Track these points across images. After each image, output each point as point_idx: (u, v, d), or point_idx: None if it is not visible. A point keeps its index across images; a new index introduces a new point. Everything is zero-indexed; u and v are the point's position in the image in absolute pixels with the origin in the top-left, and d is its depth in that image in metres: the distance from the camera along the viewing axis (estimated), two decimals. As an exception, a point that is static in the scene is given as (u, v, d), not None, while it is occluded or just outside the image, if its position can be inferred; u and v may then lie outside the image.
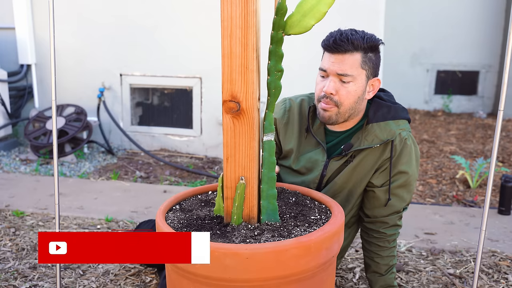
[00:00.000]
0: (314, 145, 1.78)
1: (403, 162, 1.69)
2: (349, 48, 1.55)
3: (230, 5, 1.25)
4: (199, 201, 1.58)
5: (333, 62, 1.58)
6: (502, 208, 2.89)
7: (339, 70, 1.57)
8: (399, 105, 1.74)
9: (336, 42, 1.55)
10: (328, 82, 1.60)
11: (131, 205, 3.04)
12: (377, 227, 1.79)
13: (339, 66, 1.57)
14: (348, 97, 1.61)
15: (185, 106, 4.44)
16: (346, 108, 1.63)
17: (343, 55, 1.57)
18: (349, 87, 1.60)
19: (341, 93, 1.60)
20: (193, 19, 4.16)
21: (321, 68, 1.63)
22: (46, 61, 4.62)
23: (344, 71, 1.57)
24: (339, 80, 1.59)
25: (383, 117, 1.69)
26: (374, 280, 1.85)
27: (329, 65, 1.59)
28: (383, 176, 1.72)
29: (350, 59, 1.57)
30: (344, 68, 1.57)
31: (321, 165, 1.75)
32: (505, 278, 2.14)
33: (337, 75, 1.58)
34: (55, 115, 1.56)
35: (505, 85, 1.31)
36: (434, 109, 6.60)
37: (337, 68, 1.57)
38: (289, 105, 1.83)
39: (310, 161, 1.77)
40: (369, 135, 1.68)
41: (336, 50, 1.56)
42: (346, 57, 1.57)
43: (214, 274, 1.23)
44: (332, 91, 1.59)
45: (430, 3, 6.39)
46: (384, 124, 1.68)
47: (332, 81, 1.59)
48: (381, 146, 1.68)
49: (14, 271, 2.17)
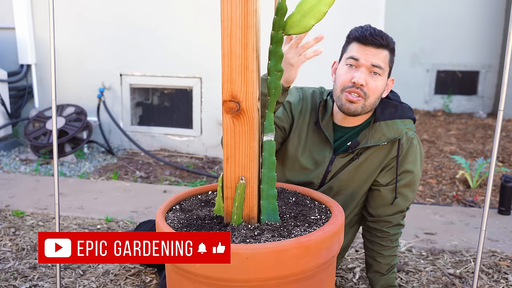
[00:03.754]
0: (321, 140, 1.77)
1: (409, 161, 1.70)
2: (384, 43, 1.60)
3: (230, 5, 1.24)
4: (199, 201, 1.58)
5: (367, 53, 1.59)
6: (502, 208, 2.89)
7: (374, 61, 1.59)
8: (406, 105, 1.75)
9: (373, 35, 1.58)
10: (359, 72, 1.60)
11: (131, 205, 3.04)
12: (380, 226, 1.79)
13: (373, 57, 1.60)
14: (376, 91, 1.63)
15: (185, 106, 4.44)
16: (371, 101, 1.64)
17: (376, 49, 1.59)
18: (378, 80, 1.62)
19: (370, 85, 1.61)
20: (193, 19, 4.16)
21: (352, 57, 1.62)
22: (46, 61, 4.62)
23: (378, 63, 1.60)
24: (369, 72, 1.61)
25: (391, 115, 1.69)
26: (375, 280, 1.85)
27: (363, 56, 1.60)
28: (389, 175, 1.72)
29: (382, 54, 1.61)
30: (378, 61, 1.60)
31: (327, 160, 1.74)
32: (505, 278, 2.14)
33: (371, 66, 1.60)
34: (55, 115, 1.56)
35: (505, 85, 1.31)
36: (434, 109, 6.60)
37: (372, 59, 1.59)
38: (303, 95, 1.82)
39: (316, 156, 1.76)
40: (376, 133, 1.68)
41: (372, 43, 1.59)
42: (379, 51, 1.60)
43: (214, 274, 1.23)
44: (363, 82, 1.60)
45: (430, 3, 6.39)
46: (392, 122, 1.69)
47: (363, 72, 1.60)
48: (387, 145, 1.69)
49: (14, 271, 2.17)
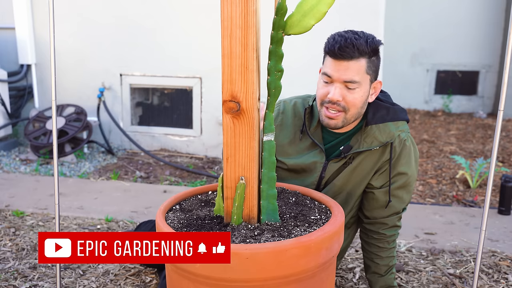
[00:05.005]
0: (311, 147, 1.76)
1: (402, 163, 1.69)
2: (355, 55, 1.51)
3: (230, 5, 1.24)
4: (199, 201, 1.58)
5: (339, 69, 1.54)
6: (502, 208, 2.89)
7: (346, 77, 1.54)
8: (398, 106, 1.73)
9: (342, 49, 1.50)
10: (333, 89, 1.56)
11: (131, 205, 3.04)
12: (376, 228, 1.78)
13: (345, 73, 1.53)
14: (355, 103, 1.58)
15: (185, 106, 4.44)
16: (353, 113, 1.61)
17: (348, 62, 1.52)
18: (355, 93, 1.57)
19: (348, 99, 1.57)
20: (193, 19, 4.16)
21: (325, 73, 1.58)
22: (46, 61, 4.62)
23: (350, 79, 1.54)
24: (344, 86, 1.56)
25: (382, 118, 1.68)
26: (374, 281, 1.85)
27: (334, 72, 1.54)
28: (382, 178, 1.72)
29: (356, 66, 1.53)
30: (350, 76, 1.53)
31: (320, 167, 1.74)
32: (505, 278, 2.14)
33: (344, 82, 1.55)
34: (55, 115, 1.56)
35: (505, 85, 1.31)
36: (434, 109, 6.60)
37: (343, 76, 1.54)
38: (283, 107, 1.81)
39: (308, 163, 1.75)
40: (368, 137, 1.67)
41: (342, 57, 1.52)
42: (352, 63, 1.53)
43: (214, 274, 1.23)
44: (339, 98, 1.56)
45: (430, 3, 6.39)
46: (383, 126, 1.67)
47: (338, 88, 1.56)
48: (380, 148, 1.68)
49: (14, 271, 2.17)
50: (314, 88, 1.90)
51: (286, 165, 1.79)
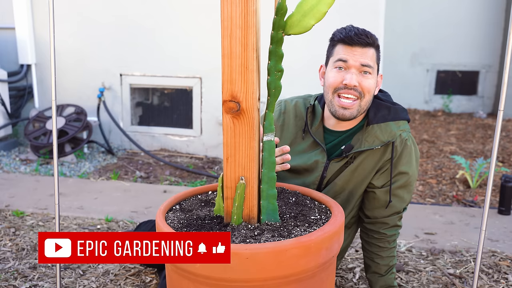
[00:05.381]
0: (312, 146, 1.77)
1: (404, 162, 1.69)
2: (370, 41, 1.60)
3: (230, 5, 1.24)
4: (199, 201, 1.58)
5: (355, 54, 1.59)
6: (502, 208, 2.89)
7: (363, 61, 1.59)
8: (399, 106, 1.74)
9: (358, 35, 1.58)
10: (350, 74, 1.60)
11: (131, 205, 3.04)
12: (377, 228, 1.79)
13: (361, 57, 1.59)
14: (370, 88, 1.63)
15: (185, 106, 4.44)
16: (367, 100, 1.65)
17: (363, 48, 1.59)
18: (369, 79, 1.62)
19: (363, 84, 1.61)
20: (193, 19, 4.16)
21: (340, 59, 1.61)
22: (46, 61, 4.62)
23: (367, 62, 1.60)
24: (359, 72, 1.61)
25: (384, 118, 1.69)
26: (374, 281, 1.85)
27: (351, 56, 1.59)
28: (383, 177, 1.72)
29: (370, 52, 1.61)
30: (367, 60, 1.60)
31: (321, 166, 1.74)
32: (505, 278, 2.14)
33: (361, 66, 1.60)
34: (55, 115, 1.56)
35: (505, 85, 1.31)
36: (434, 109, 6.60)
37: (360, 59, 1.59)
38: (284, 107, 1.83)
39: (310, 162, 1.75)
40: (369, 137, 1.68)
41: (358, 43, 1.58)
42: (366, 50, 1.60)
43: (214, 274, 1.23)
44: (355, 83, 1.60)
45: (430, 3, 6.39)
46: (385, 125, 1.68)
47: (354, 73, 1.60)
48: (381, 147, 1.68)
49: (14, 271, 2.17)
50: (314, 88, 1.90)
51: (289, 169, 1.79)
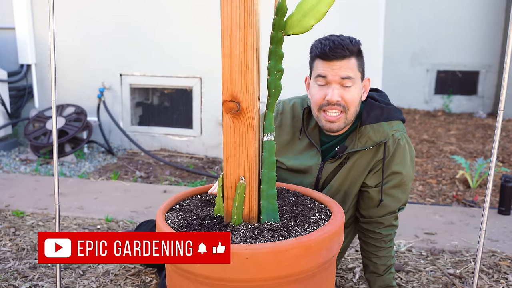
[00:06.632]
0: (308, 147, 1.78)
1: (397, 162, 1.70)
2: (347, 54, 1.58)
3: (230, 5, 1.25)
4: (199, 201, 1.58)
5: (333, 68, 1.59)
6: (502, 208, 2.89)
7: (342, 74, 1.59)
8: (393, 106, 1.75)
9: (333, 50, 1.57)
10: (331, 90, 1.61)
11: (131, 205, 3.04)
12: (372, 228, 1.79)
13: (340, 70, 1.59)
14: (353, 100, 1.63)
15: (185, 106, 4.44)
16: (352, 112, 1.65)
17: (341, 61, 1.59)
18: (351, 91, 1.62)
19: (346, 97, 1.62)
20: (193, 19, 4.16)
21: (320, 75, 1.62)
22: (46, 61, 4.62)
23: (347, 74, 1.59)
24: (340, 86, 1.61)
25: (376, 118, 1.69)
26: (373, 280, 1.85)
27: (330, 72, 1.59)
28: (376, 177, 1.73)
29: (350, 63, 1.60)
30: (346, 72, 1.59)
31: (316, 168, 1.75)
32: (505, 278, 2.14)
33: (340, 79, 1.59)
34: (55, 115, 1.56)
35: (505, 85, 1.31)
36: (434, 109, 6.60)
37: (339, 73, 1.59)
38: (281, 108, 1.84)
39: (305, 164, 1.77)
40: (362, 137, 1.69)
41: (335, 57, 1.58)
42: (344, 62, 1.59)
43: (214, 274, 1.23)
44: (338, 98, 1.60)
45: (430, 3, 6.39)
46: (377, 125, 1.69)
47: (335, 88, 1.60)
48: (374, 148, 1.69)
49: (14, 271, 2.17)
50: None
51: (285, 165, 1.81)
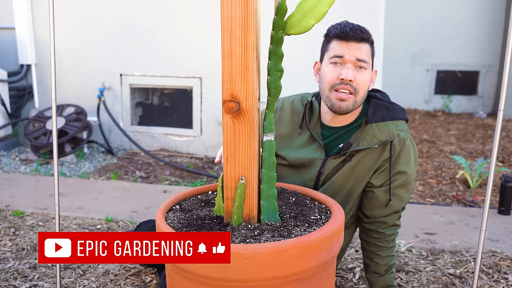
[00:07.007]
0: (309, 141, 1.77)
1: (402, 162, 1.70)
2: (365, 37, 1.61)
3: (230, 5, 1.25)
4: (199, 201, 1.58)
5: (350, 48, 1.60)
6: (502, 208, 2.89)
7: (358, 55, 1.60)
8: (398, 106, 1.75)
9: (353, 31, 1.59)
10: (346, 69, 1.61)
11: (131, 205, 3.04)
12: (376, 227, 1.79)
13: (357, 52, 1.60)
14: (364, 85, 1.64)
15: (185, 106, 4.44)
16: (361, 96, 1.66)
17: (358, 43, 1.61)
18: (364, 74, 1.63)
19: (358, 80, 1.62)
20: (193, 19, 4.16)
21: (336, 55, 1.62)
22: (46, 61, 4.62)
23: (363, 57, 1.61)
24: (355, 67, 1.62)
25: (382, 117, 1.70)
26: (374, 280, 1.85)
27: (347, 52, 1.61)
28: (382, 177, 1.72)
29: (365, 48, 1.62)
30: (362, 55, 1.61)
31: (319, 162, 1.74)
32: (505, 278, 2.14)
33: (356, 61, 1.61)
34: (55, 115, 1.56)
35: (505, 85, 1.31)
36: (434, 109, 6.60)
37: (356, 54, 1.60)
38: (281, 104, 1.85)
39: (307, 157, 1.76)
40: (368, 135, 1.68)
41: (354, 38, 1.59)
42: (361, 45, 1.61)
43: (214, 274, 1.23)
44: (351, 77, 1.61)
45: (430, 3, 6.39)
46: (383, 124, 1.69)
47: (349, 68, 1.61)
48: (379, 147, 1.69)
49: (14, 271, 2.17)
50: (314, 88, 1.90)
51: (286, 160, 1.80)
